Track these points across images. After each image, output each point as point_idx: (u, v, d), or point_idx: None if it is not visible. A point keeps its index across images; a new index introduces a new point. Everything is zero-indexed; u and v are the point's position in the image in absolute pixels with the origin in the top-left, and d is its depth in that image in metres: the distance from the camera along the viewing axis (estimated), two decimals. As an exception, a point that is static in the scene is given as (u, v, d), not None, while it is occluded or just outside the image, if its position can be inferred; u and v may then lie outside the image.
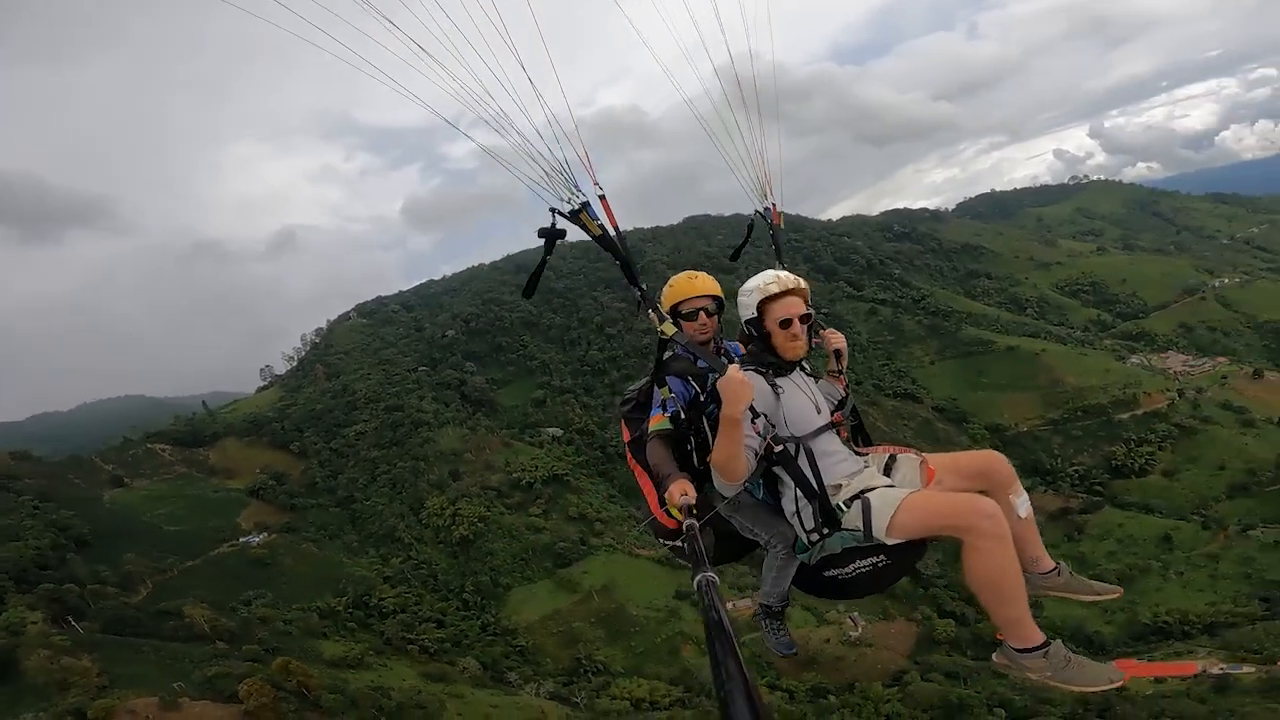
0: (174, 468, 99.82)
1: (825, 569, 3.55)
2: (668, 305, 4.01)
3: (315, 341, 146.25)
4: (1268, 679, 51.99)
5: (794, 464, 3.48)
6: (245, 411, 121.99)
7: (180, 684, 40.57)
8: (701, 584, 2.05)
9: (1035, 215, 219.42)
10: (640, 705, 59.06)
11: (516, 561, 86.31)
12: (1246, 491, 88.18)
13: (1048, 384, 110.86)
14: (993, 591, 3.15)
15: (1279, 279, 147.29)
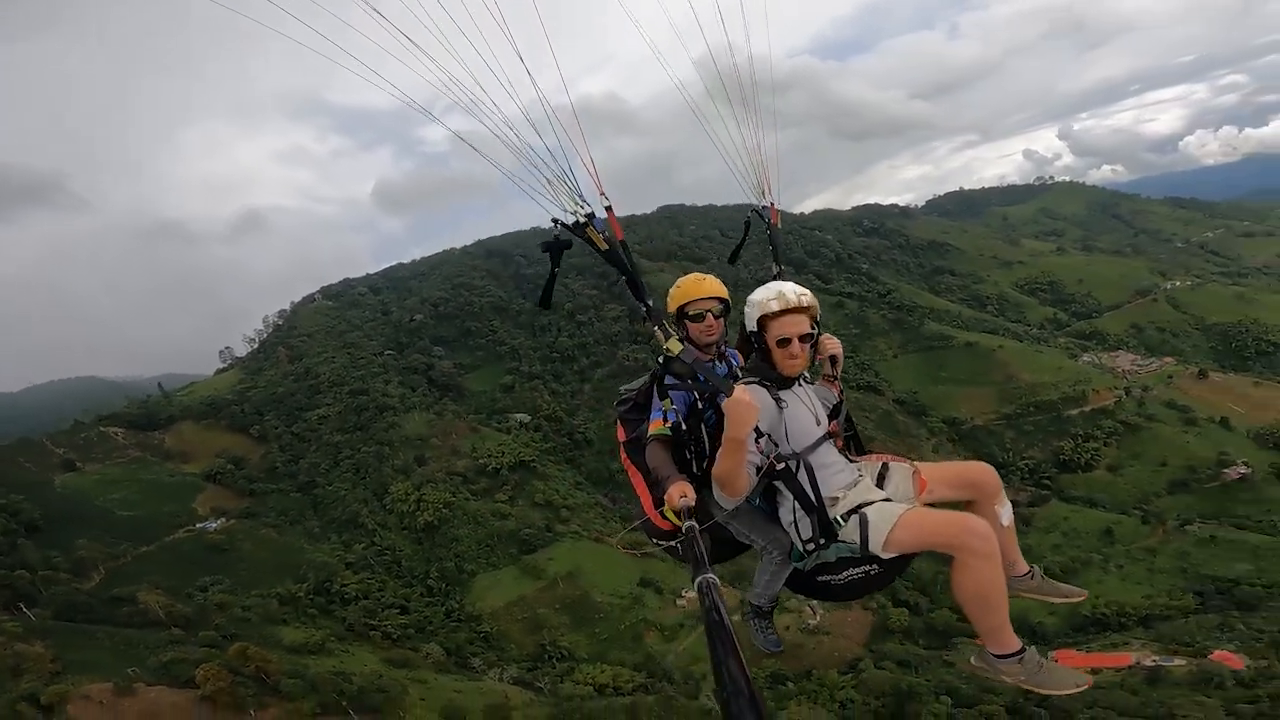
0: (127, 451, 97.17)
1: (818, 574, 3.66)
2: (674, 306, 4.01)
3: (278, 323, 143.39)
4: (1196, 671, 54.62)
5: (794, 480, 3.53)
6: (203, 394, 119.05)
7: (135, 669, 40.06)
8: (703, 585, 2.07)
9: (1001, 214, 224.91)
10: (604, 691, 59.55)
11: (482, 548, 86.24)
12: (1186, 488, 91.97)
13: (1003, 380, 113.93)
14: (979, 605, 3.34)
15: (1229, 283, 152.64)
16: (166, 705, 38.16)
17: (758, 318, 3.61)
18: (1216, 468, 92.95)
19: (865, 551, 3.43)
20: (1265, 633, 64.46)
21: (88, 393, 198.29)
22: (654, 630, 72.95)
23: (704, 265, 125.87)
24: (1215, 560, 77.74)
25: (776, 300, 3.57)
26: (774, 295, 3.59)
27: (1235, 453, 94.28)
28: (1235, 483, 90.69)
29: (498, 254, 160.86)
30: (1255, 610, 68.90)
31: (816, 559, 3.58)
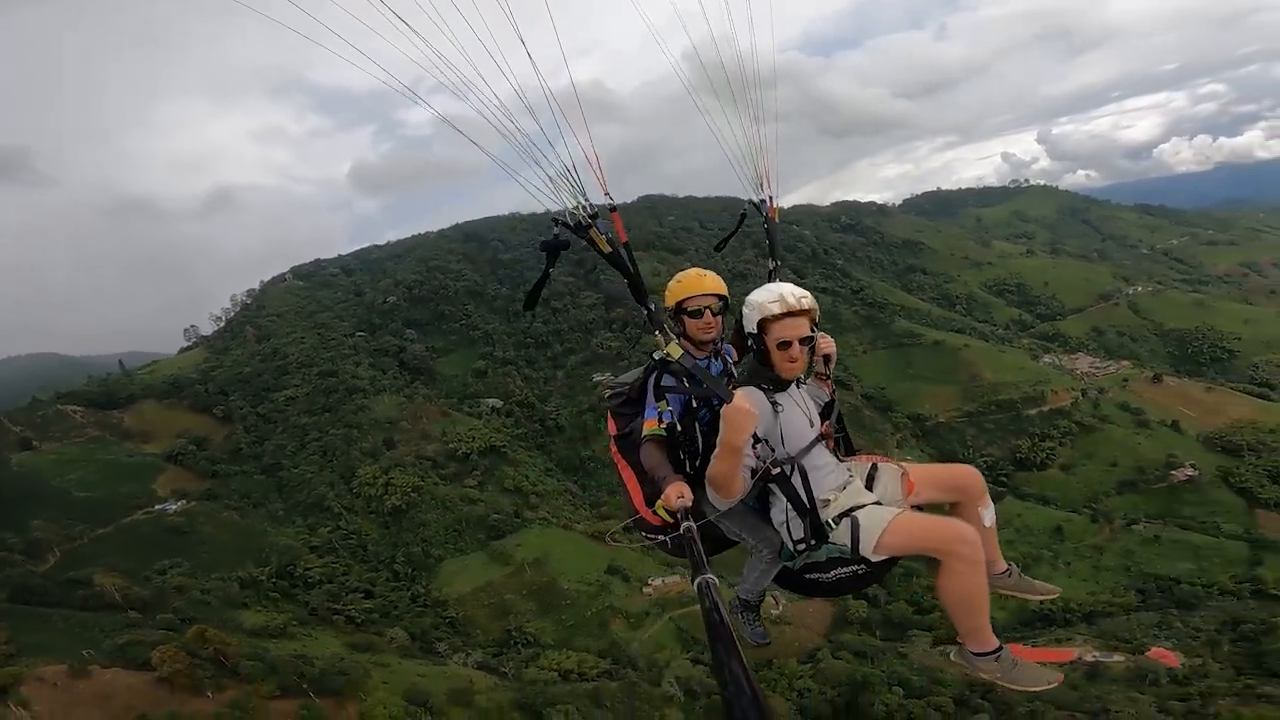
0: (86, 430, 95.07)
1: (807, 572, 3.73)
2: (673, 300, 3.97)
3: (246, 302, 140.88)
4: (1134, 668, 57.04)
5: (788, 484, 3.58)
6: (165, 373, 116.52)
7: (90, 652, 39.69)
8: (702, 586, 2.08)
9: (975, 215, 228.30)
10: (568, 676, 60.27)
11: (450, 533, 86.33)
12: (1134, 488, 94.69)
13: (967, 378, 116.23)
14: (962, 607, 3.48)
15: (1188, 290, 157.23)
16: (122, 687, 37.95)
17: (758, 320, 3.58)
18: (1165, 469, 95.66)
19: (855, 554, 3.52)
20: (1202, 631, 66.81)
21: (47, 370, 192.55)
22: (620, 618, 73.76)
23: (682, 256, 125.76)
24: (1158, 559, 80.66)
25: (777, 303, 3.55)
26: (775, 298, 3.57)
27: (1184, 455, 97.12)
28: (1182, 484, 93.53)
29: (475, 238, 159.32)
30: (1194, 609, 71.51)
31: (806, 558, 3.66)
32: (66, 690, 36.95)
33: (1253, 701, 50.24)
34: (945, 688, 54.59)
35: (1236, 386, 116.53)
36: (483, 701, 47.76)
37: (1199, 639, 65.75)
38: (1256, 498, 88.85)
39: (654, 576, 78.88)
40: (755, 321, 3.58)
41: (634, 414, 3.91)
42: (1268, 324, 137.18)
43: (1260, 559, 77.86)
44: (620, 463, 4.03)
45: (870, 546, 3.45)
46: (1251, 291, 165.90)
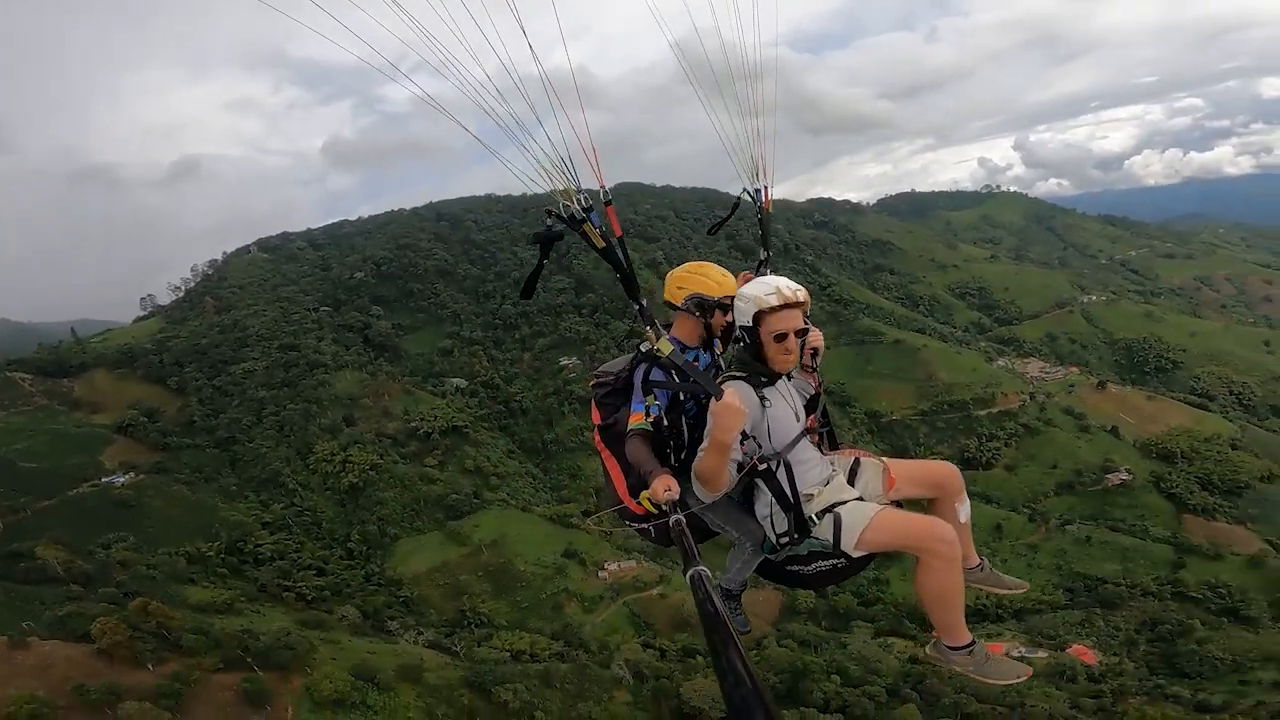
0: (34, 399, 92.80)
1: (788, 564, 3.80)
2: (720, 293, 3.90)
3: (207, 273, 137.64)
4: (1054, 664, 59.83)
5: (774, 479, 3.61)
6: (119, 342, 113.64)
7: (29, 624, 39.37)
8: (695, 578, 2.07)
9: (946, 218, 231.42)
10: (520, 657, 60.97)
11: (407, 512, 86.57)
12: (1072, 490, 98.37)
13: (923, 377, 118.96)
14: (938, 603, 3.57)
15: (1140, 301, 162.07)
16: (61, 659, 37.83)
17: (754, 313, 3.58)
18: (1101, 472, 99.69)
19: (837, 549, 3.59)
20: (1121, 631, 70.73)
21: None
22: (574, 601, 74.82)
23: (655, 245, 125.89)
24: (1088, 559, 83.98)
25: (774, 295, 3.56)
26: (771, 290, 3.57)
27: (1120, 460, 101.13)
28: (1116, 487, 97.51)
29: (448, 218, 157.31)
30: (1117, 609, 74.85)
31: (788, 551, 3.72)
32: (5, 661, 36.82)
33: (1161, 701, 53.39)
34: (880, 677, 56.94)
35: (1177, 396, 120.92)
36: (432, 679, 48.48)
37: (1118, 638, 69.61)
38: (1185, 503, 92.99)
39: (610, 561, 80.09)
40: (751, 314, 3.58)
41: (618, 404, 3.91)
42: (1213, 337, 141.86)
43: (1183, 562, 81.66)
44: (604, 452, 4.00)
45: (852, 543, 3.54)
46: (1202, 304, 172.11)
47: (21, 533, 62.97)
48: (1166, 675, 62.04)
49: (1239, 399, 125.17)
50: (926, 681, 54.60)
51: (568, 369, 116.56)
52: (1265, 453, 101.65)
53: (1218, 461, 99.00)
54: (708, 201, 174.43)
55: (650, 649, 65.73)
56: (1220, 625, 70.06)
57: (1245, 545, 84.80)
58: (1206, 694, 55.57)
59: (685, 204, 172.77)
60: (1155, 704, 52.18)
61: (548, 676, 53.86)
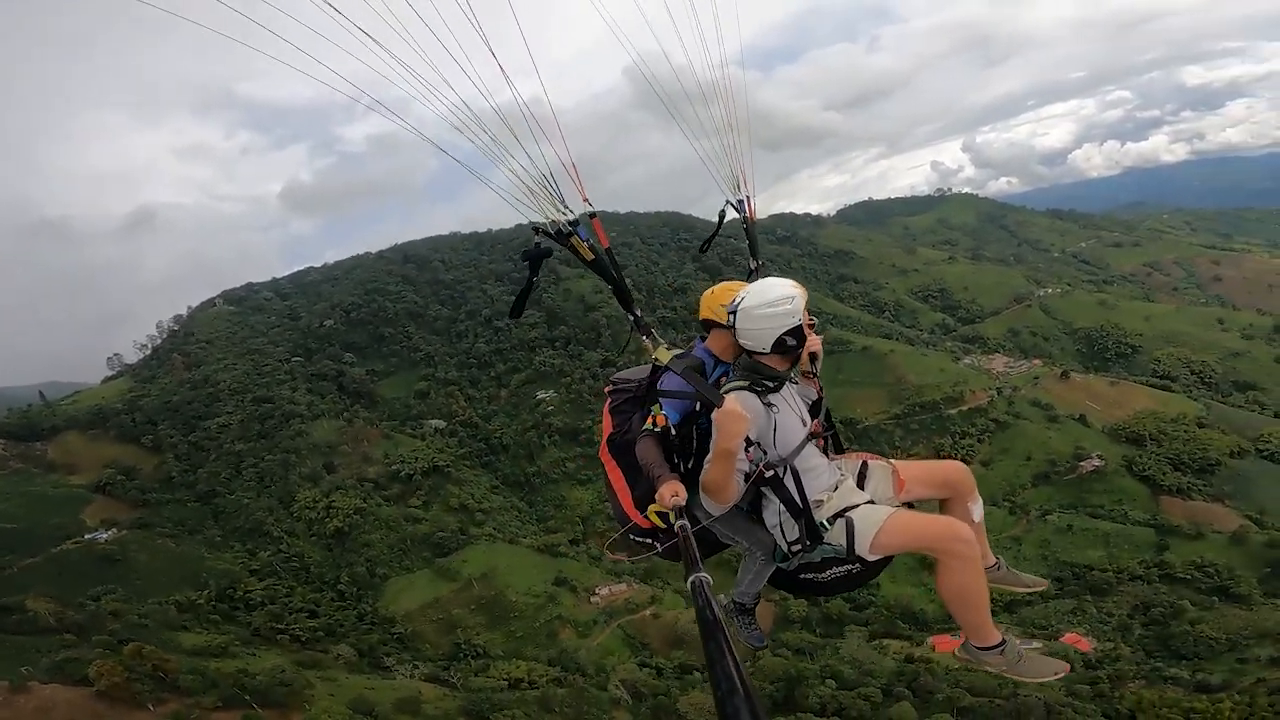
0: (9, 463, 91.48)
1: (801, 573, 3.72)
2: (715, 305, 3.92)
3: (174, 329, 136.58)
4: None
5: (782, 486, 3.54)
6: (89, 403, 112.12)
7: (28, 669, 39.24)
8: (695, 585, 2.05)
9: (903, 224, 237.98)
10: (518, 685, 60.99)
11: (394, 552, 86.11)
12: (1048, 480, 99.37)
13: (893, 381, 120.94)
14: (961, 603, 3.53)
15: (1093, 290, 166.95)
16: (62, 701, 37.92)
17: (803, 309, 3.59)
18: (1074, 461, 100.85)
19: (851, 554, 3.52)
20: (1114, 616, 71.84)
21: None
22: (569, 627, 74.97)
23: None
24: (1072, 547, 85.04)
25: (800, 295, 3.61)
26: (798, 294, 3.61)
27: (1091, 447, 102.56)
28: (1090, 474, 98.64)
29: (414, 259, 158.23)
30: (1106, 595, 75.93)
31: (801, 559, 3.64)
32: (7, 705, 36.95)
33: (1160, 684, 54.39)
34: (875, 678, 57.59)
35: (1140, 380, 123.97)
36: (430, 710, 48.41)
37: (1111, 624, 70.74)
38: (1159, 484, 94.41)
39: (601, 586, 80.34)
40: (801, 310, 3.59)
41: (631, 413, 3.90)
42: (1167, 319, 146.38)
43: (1166, 544, 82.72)
44: (610, 464, 3.94)
45: (866, 546, 3.48)
46: (1153, 289, 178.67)
47: (9, 588, 61.87)
48: (1164, 658, 62.95)
49: (1200, 378, 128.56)
50: (920, 679, 55.60)
51: (545, 402, 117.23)
52: (1232, 428, 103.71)
53: (1186, 441, 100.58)
54: (671, 225, 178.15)
55: (647, 668, 66.04)
56: (1212, 605, 71.16)
57: (1225, 523, 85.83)
58: (1206, 674, 56.45)
59: (650, 229, 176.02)
60: (1155, 687, 53.01)
61: (546, 701, 54.20)
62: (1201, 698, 47.73)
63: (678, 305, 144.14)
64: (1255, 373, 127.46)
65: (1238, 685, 51.07)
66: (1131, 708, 46.92)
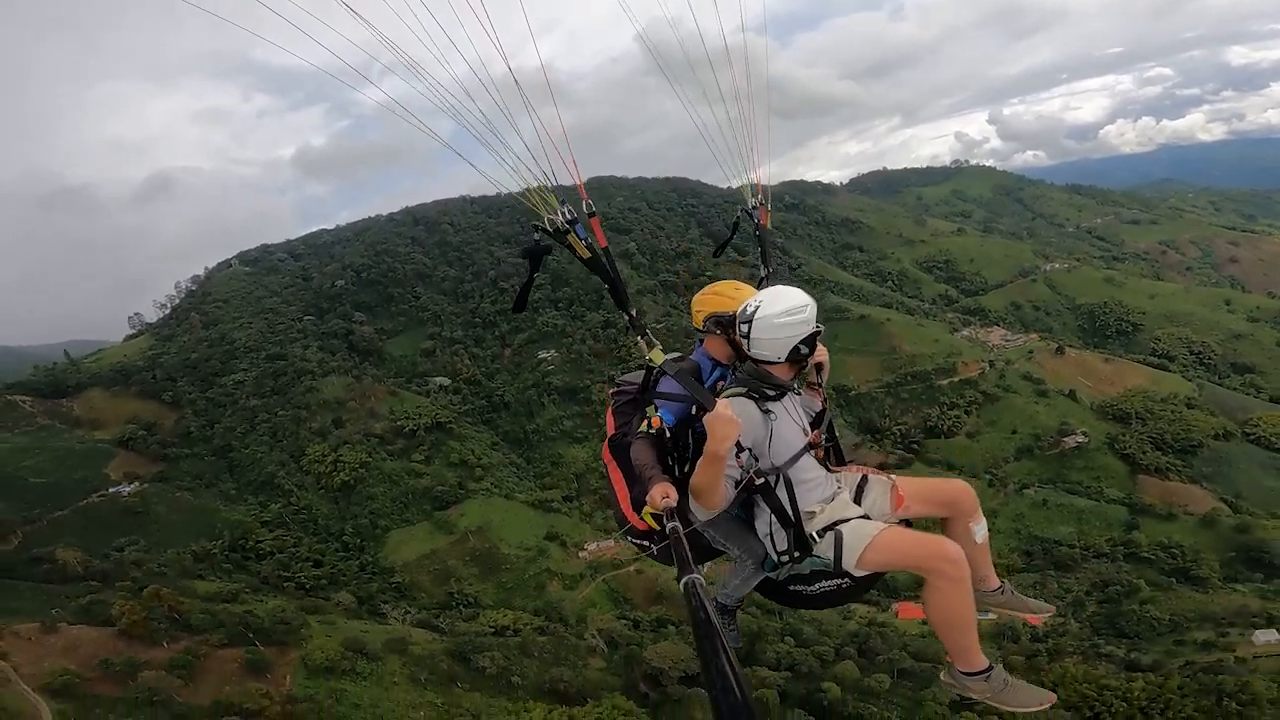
0: (35, 419, 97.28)
1: (790, 584, 3.72)
2: (709, 312, 3.95)
3: (191, 289, 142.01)
4: (1001, 625, 61.07)
5: (773, 495, 3.52)
6: (112, 361, 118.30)
7: (58, 611, 44.91)
8: (689, 586, 2.05)
9: (916, 194, 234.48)
10: (503, 632, 64.97)
11: (396, 505, 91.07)
12: (1030, 454, 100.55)
13: (887, 350, 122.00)
14: (947, 625, 3.48)
15: (1102, 267, 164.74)
16: (88, 640, 43.36)
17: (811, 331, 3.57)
18: (1058, 436, 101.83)
19: (838, 569, 3.49)
20: (1071, 592, 73.53)
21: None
22: (556, 579, 79.45)
23: (628, 236, 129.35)
24: (1045, 522, 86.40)
25: (813, 303, 3.58)
26: (812, 306, 3.58)
27: (1077, 422, 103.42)
28: (1072, 450, 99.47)
29: (424, 221, 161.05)
30: (1071, 571, 77.69)
31: (790, 570, 3.63)
32: (39, 644, 42.33)
33: (1094, 659, 56.25)
34: (830, 639, 61.15)
35: (1136, 358, 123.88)
36: (417, 650, 53.48)
37: (1067, 599, 71.95)
38: (1138, 463, 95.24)
39: (589, 542, 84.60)
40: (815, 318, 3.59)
41: (632, 415, 3.90)
42: (1172, 299, 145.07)
43: (1137, 523, 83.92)
44: (610, 464, 3.96)
45: (853, 562, 3.45)
46: (1166, 268, 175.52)
47: (39, 540, 67.80)
48: (1108, 635, 64.74)
49: (1199, 358, 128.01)
50: (869, 641, 59.10)
51: (546, 362, 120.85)
52: (1222, 410, 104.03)
53: (1171, 421, 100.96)
54: (680, 191, 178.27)
55: (624, 620, 69.92)
56: (1169, 586, 72.36)
57: (1199, 504, 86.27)
58: (1140, 654, 58.21)
59: (657, 195, 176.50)
60: (1089, 663, 54.71)
61: (525, 646, 58.10)
62: (1120, 675, 49.98)
63: (680, 269, 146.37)
64: (1256, 356, 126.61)
65: (1165, 667, 53.01)
66: (1055, 681, 48.43)
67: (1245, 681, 45.71)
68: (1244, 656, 55.41)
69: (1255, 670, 50.36)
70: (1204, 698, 44.97)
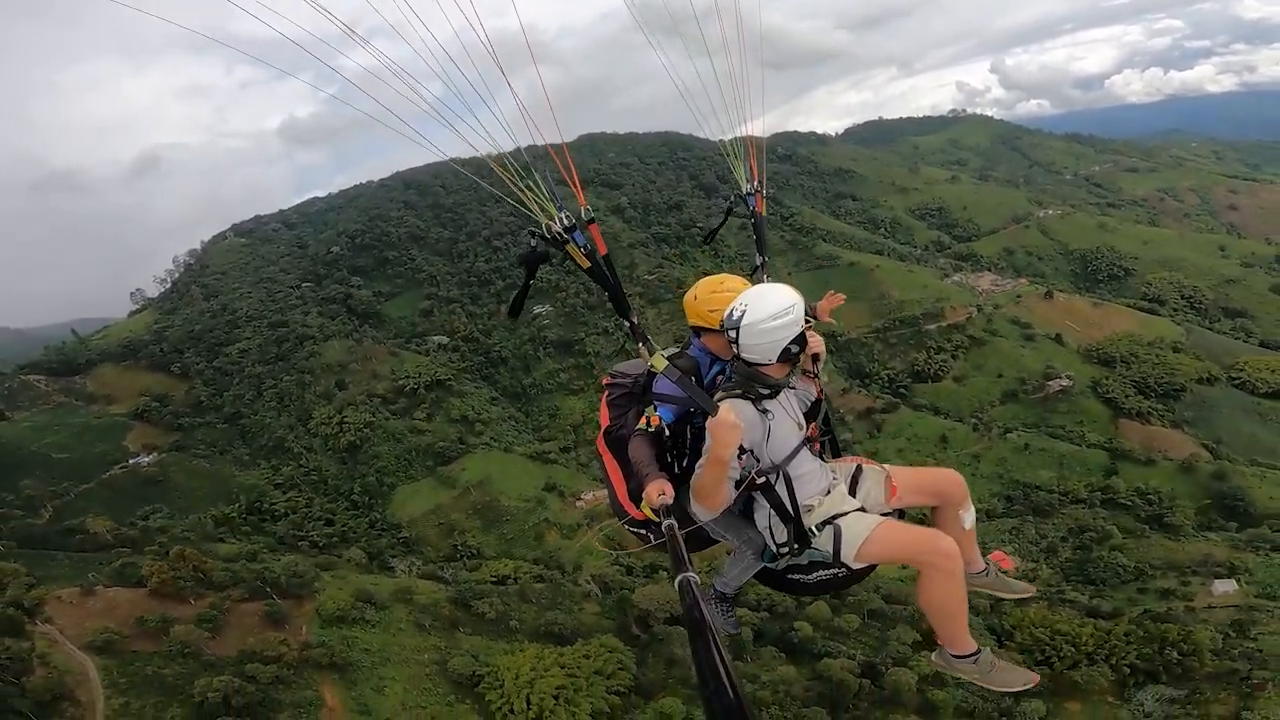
0: (52, 398, 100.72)
1: (789, 573, 3.87)
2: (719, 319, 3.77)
3: (190, 263, 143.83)
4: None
5: (773, 491, 3.60)
6: (119, 336, 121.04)
7: (94, 574, 49.40)
8: (683, 584, 2.08)
9: (913, 144, 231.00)
10: (504, 581, 68.35)
11: (401, 462, 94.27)
12: (1015, 398, 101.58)
13: (876, 296, 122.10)
14: (940, 613, 3.66)
15: (1097, 213, 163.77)
16: (124, 600, 47.49)
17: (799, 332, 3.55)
18: (1042, 380, 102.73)
19: (836, 560, 3.62)
20: (1046, 538, 75.11)
21: None
22: (554, 529, 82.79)
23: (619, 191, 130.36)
24: (1026, 466, 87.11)
25: (799, 301, 3.57)
26: (800, 303, 3.57)
27: (1062, 366, 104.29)
28: (1056, 394, 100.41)
29: (415, 185, 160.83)
30: (1048, 517, 78.79)
31: (788, 560, 3.75)
32: (80, 606, 46.44)
33: (1057, 605, 57.73)
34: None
35: (1125, 302, 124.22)
36: (422, 599, 57.80)
37: (1042, 545, 74.11)
38: (1120, 407, 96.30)
39: (586, 491, 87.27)
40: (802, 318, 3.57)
41: (628, 408, 3.94)
42: (1166, 244, 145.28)
43: (1116, 468, 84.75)
44: (606, 456, 3.99)
45: (851, 554, 3.57)
46: (1164, 215, 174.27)
47: (70, 512, 71.85)
48: (1077, 582, 66.56)
49: (1190, 302, 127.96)
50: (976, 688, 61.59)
51: (541, 316, 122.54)
52: (1208, 355, 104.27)
53: (1155, 364, 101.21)
54: (670, 145, 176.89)
55: (618, 565, 73.00)
56: (1142, 534, 73.09)
57: (1179, 449, 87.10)
58: (1102, 599, 59.37)
59: (649, 149, 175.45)
60: (1053, 609, 55.79)
61: (524, 593, 61.64)
62: (1074, 620, 52.06)
63: (671, 221, 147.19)
64: (1248, 300, 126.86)
65: (1126, 614, 54.16)
66: (1014, 625, 51.19)
67: (1189, 631, 47.91)
68: (1194, 607, 57.38)
69: (1206, 621, 52.29)
70: (1147, 645, 47.17)
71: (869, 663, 48.94)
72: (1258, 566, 64.01)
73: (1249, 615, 52.85)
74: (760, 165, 4.61)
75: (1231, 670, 43.92)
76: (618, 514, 4.07)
